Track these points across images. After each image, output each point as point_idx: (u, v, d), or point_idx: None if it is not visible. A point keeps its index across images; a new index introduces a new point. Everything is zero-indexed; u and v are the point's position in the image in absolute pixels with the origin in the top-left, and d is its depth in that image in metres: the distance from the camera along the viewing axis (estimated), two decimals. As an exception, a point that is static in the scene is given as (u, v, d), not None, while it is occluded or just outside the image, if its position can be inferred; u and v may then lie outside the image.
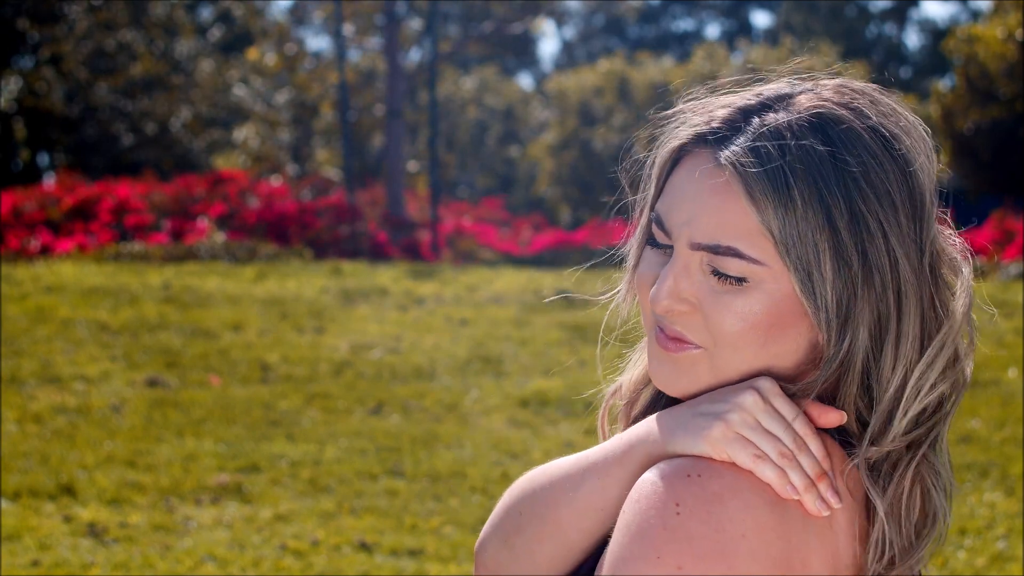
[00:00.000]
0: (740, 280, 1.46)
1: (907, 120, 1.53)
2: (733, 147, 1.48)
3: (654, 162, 1.57)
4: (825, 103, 1.50)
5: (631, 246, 1.61)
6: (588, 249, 17.53)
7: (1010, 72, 25.22)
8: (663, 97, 1.61)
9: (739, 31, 54.64)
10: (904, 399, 1.47)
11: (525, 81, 53.73)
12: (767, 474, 1.43)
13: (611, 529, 1.51)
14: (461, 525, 6.85)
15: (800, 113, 1.49)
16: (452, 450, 8.22)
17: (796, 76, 1.58)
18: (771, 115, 1.49)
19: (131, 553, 6.28)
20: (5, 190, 19.67)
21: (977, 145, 26.05)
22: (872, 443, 1.48)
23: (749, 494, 1.43)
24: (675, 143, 1.53)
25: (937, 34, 47.92)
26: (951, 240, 1.55)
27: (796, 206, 1.44)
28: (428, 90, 22.36)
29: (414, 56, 26.12)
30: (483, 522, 6.84)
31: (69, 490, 7.20)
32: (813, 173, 1.45)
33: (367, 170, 28.50)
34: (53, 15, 31.45)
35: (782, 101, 1.51)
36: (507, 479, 7.60)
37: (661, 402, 1.62)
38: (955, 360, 1.50)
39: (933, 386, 1.48)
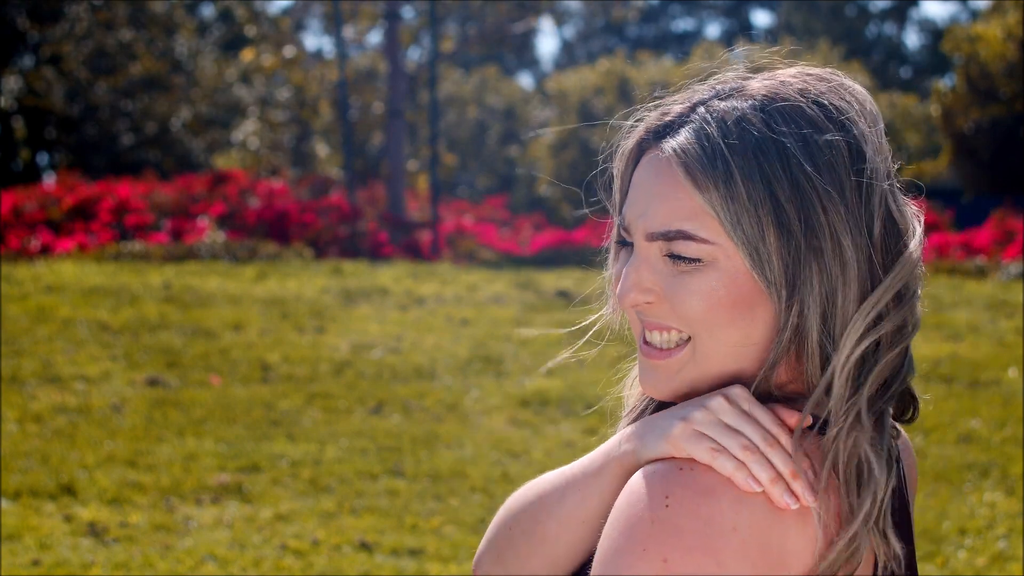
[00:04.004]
0: (696, 260, 1.48)
1: (852, 94, 1.54)
2: (677, 136, 1.51)
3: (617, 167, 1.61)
4: (773, 86, 1.53)
5: (610, 255, 1.63)
6: (588, 248, 17.52)
7: (1010, 71, 25.23)
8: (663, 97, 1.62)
9: (739, 31, 54.65)
10: (845, 350, 1.46)
11: (525, 81, 53.76)
12: (726, 467, 1.42)
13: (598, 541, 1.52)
14: (462, 525, 6.85)
15: (747, 99, 1.52)
16: (453, 450, 8.22)
17: (753, 67, 1.60)
18: (717, 102, 1.52)
19: (131, 553, 6.28)
20: (5, 190, 19.68)
21: (977, 144, 26.04)
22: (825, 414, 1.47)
23: (743, 492, 1.42)
24: (631, 142, 1.57)
25: (937, 34, 47.93)
26: (909, 209, 1.55)
27: (735, 182, 1.47)
28: (428, 90, 22.36)
29: (414, 55, 26.12)
30: (483, 522, 6.85)
31: (69, 490, 7.20)
32: (751, 148, 1.47)
33: (367, 169, 28.49)
34: (53, 15, 31.44)
35: (735, 90, 1.54)
36: (507, 479, 7.60)
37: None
38: (896, 304, 1.49)
39: (867, 331, 1.47)
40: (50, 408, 8.88)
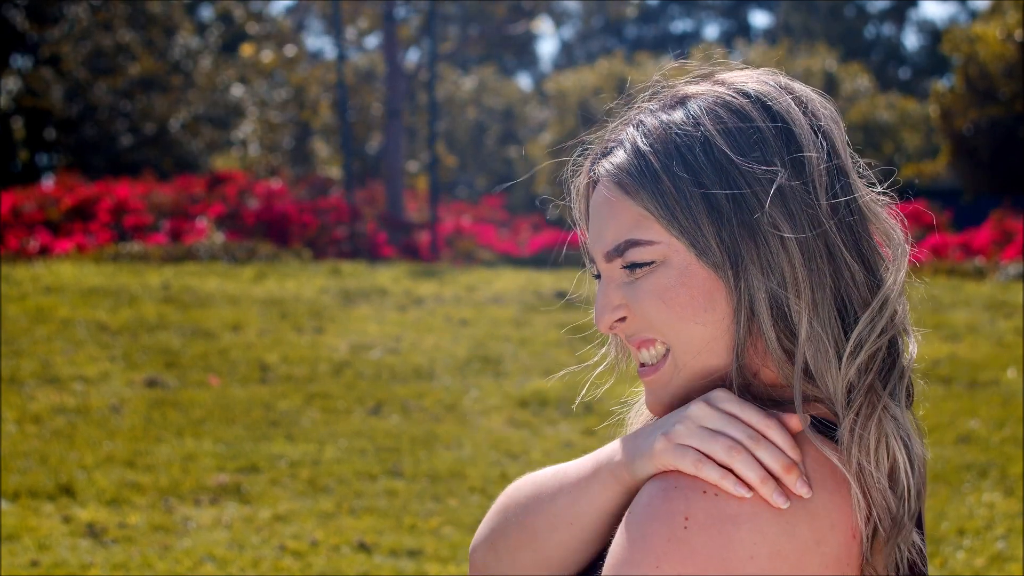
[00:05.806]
0: (650, 264, 1.52)
1: (781, 85, 1.56)
2: (610, 158, 1.57)
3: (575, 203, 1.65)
4: (700, 88, 1.57)
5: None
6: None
7: (1009, 72, 25.22)
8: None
9: (738, 31, 54.67)
10: (844, 354, 1.47)
11: (524, 81, 53.78)
12: (711, 476, 1.41)
13: (587, 543, 1.53)
14: (460, 525, 6.85)
15: (674, 104, 1.56)
16: (451, 450, 8.22)
17: (694, 75, 1.61)
18: (646, 118, 1.57)
19: (130, 553, 6.28)
20: (4, 190, 19.67)
21: (976, 145, 26.04)
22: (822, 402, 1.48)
23: (765, 520, 1.41)
24: (582, 179, 1.63)
25: (936, 35, 47.93)
26: (880, 201, 1.56)
27: (661, 179, 1.51)
28: (427, 90, 22.37)
29: (413, 56, 26.11)
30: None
31: (68, 490, 7.20)
32: (672, 144, 1.52)
33: (366, 170, 28.48)
34: (52, 15, 31.44)
35: (665, 102, 1.58)
36: (506, 479, 7.60)
37: None
38: (893, 318, 1.50)
39: (874, 342, 1.48)
40: (49, 409, 8.88)
